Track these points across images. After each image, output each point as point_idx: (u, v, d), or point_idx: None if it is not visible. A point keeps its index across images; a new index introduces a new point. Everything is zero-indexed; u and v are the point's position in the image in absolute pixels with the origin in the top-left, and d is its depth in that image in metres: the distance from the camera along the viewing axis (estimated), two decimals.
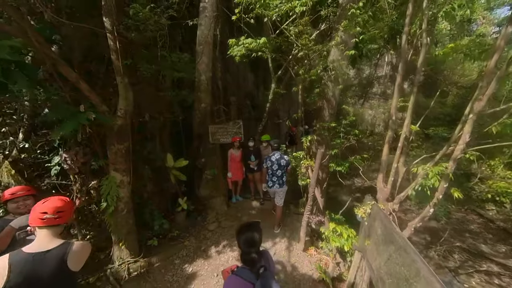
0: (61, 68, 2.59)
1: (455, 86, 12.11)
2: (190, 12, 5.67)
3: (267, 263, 1.44)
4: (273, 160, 3.75)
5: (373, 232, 2.58)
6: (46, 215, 1.34)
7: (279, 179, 3.76)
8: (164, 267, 3.16)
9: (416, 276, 1.58)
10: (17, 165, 3.66)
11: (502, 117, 1.97)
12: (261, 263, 1.38)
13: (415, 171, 2.15)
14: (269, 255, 1.55)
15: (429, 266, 1.50)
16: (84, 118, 2.52)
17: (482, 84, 1.83)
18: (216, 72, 5.58)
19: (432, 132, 9.41)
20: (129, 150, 3.12)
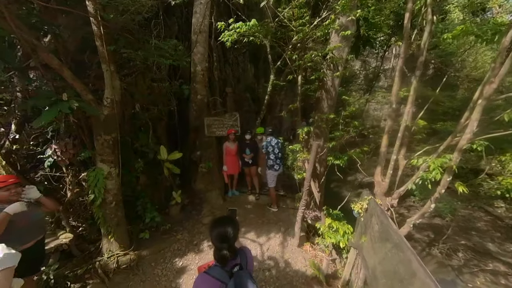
0: (42, 54, 2.48)
1: (466, 79, 11.57)
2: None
3: (244, 261, 1.32)
4: (273, 144, 4.03)
5: (370, 228, 2.43)
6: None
7: (281, 161, 4.13)
8: (155, 260, 3.10)
9: (412, 277, 1.43)
10: (10, 157, 3.63)
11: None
12: (236, 261, 1.26)
13: (415, 163, 1.97)
14: (248, 252, 1.42)
15: (425, 266, 1.35)
16: (66, 107, 2.41)
17: (494, 65, 1.62)
18: (212, 62, 5.41)
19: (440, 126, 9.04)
20: (117, 141, 3.03)
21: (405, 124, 2.09)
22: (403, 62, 2.07)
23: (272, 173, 4.12)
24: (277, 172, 4.12)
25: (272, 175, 4.14)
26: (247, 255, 1.38)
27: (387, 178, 2.30)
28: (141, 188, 3.97)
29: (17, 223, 2.00)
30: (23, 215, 2.01)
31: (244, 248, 1.42)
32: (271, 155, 4.02)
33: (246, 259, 1.34)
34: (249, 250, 1.46)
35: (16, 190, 2.03)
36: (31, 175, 3.91)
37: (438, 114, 9.71)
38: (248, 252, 1.42)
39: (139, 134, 4.04)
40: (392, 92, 2.17)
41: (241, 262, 1.28)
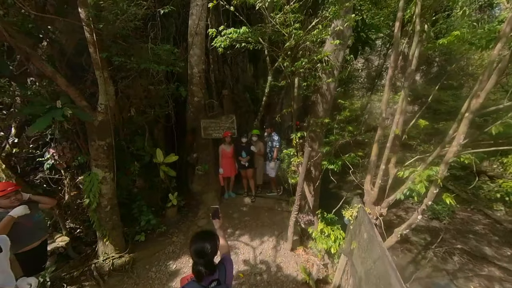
0: (36, 62, 2.51)
1: (471, 77, 11.35)
2: None
3: (223, 275, 1.34)
4: (276, 139, 4.61)
5: (359, 236, 2.44)
6: None
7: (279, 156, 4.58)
8: (149, 263, 3.17)
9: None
10: (10, 160, 3.71)
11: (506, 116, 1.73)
12: (214, 276, 1.28)
13: (401, 175, 1.96)
14: (229, 264, 1.44)
15: (403, 284, 1.36)
16: (59, 114, 2.46)
17: (482, 78, 1.59)
18: (209, 64, 5.41)
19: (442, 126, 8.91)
20: (112, 146, 3.07)
21: (393, 134, 2.08)
22: (393, 72, 2.05)
23: (274, 164, 4.60)
24: (278, 162, 4.68)
25: (274, 166, 4.62)
26: (226, 267, 1.40)
27: (376, 187, 2.30)
28: (137, 191, 4.03)
29: (23, 225, 2.14)
30: (27, 217, 2.12)
31: (224, 260, 1.44)
32: (273, 148, 4.55)
33: (225, 273, 1.36)
34: (230, 261, 1.47)
35: (15, 197, 2.13)
36: (31, 177, 4.00)
37: (441, 113, 9.57)
38: (229, 263, 1.44)
39: (136, 137, 4.08)
40: (382, 101, 2.16)
41: (219, 277, 1.30)
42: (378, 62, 14.12)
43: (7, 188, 2.12)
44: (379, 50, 12.25)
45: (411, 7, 1.95)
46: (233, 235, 3.77)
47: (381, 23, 5.36)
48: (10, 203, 2.11)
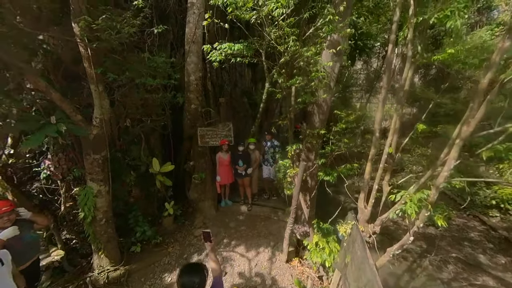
0: (29, 77, 2.51)
1: (469, 80, 11.37)
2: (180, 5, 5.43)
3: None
4: (275, 144, 4.89)
5: (354, 253, 2.45)
6: None
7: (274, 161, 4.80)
8: (144, 275, 3.17)
9: None
10: (6, 171, 3.70)
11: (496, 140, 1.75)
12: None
13: (393, 199, 1.98)
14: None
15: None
16: (53, 130, 2.45)
17: (472, 105, 1.60)
18: (206, 72, 5.40)
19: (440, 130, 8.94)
20: (107, 159, 3.07)
21: (386, 156, 2.09)
22: (386, 93, 2.06)
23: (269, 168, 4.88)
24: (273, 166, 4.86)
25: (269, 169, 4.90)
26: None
27: (369, 206, 2.31)
28: (133, 201, 4.03)
29: (12, 246, 2.10)
30: (16, 239, 2.10)
31: (215, 285, 1.44)
32: (275, 154, 4.76)
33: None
34: (221, 284, 1.47)
35: (9, 218, 2.11)
36: (27, 187, 3.99)
37: (440, 116, 9.58)
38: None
39: (132, 147, 4.07)
40: (375, 120, 2.17)
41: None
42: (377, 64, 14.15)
43: (1, 208, 2.10)
44: (378, 52, 12.26)
45: (404, 29, 1.96)
46: (229, 245, 3.78)
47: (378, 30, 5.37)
48: (2, 223, 2.09)
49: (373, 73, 14.08)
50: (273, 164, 4.91)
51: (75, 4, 2.56)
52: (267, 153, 4.94)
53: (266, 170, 4.98)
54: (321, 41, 2.49)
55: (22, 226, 2.16)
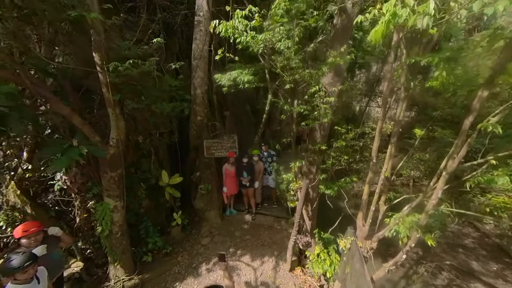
0: (54, 104, 2.71)
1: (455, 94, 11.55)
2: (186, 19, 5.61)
3: None
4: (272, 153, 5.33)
5: (352, 266, 2.67)
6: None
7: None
8: (157, 284, 3.38)
9: None
10: (22, 184, 3.90)
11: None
12: None
13: (388, 222, 2.20)
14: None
15: None
16: (76, 153, 2.66)
17: (457, 142, 1.83)
18: (212, 85, 5.60)
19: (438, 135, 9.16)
20: (122, 176, 3.27)
21: (381, 181, 2.31)
22: (382, 123, 2.28)
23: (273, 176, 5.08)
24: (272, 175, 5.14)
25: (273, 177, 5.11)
26: None
27: (367, 224, 2.53)
28: (143, 212, 4.24)
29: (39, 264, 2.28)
30: (43, 258, 2.28)
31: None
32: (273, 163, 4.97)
33: None
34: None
35: (35, 238, 2.27)
36: (43, 199, 4.19)
37: (437, 121, 9.78)
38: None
39: (142, 160, 4.28)
40: (373, 148, 2.39)
41: None
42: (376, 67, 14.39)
43: (30, 229, 2.24)
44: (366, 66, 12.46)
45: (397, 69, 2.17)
46: (235, 254, 3.99)
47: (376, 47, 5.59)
48: (28, 244, 2.24)
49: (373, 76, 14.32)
50: (271, 173, 5.15)
51: (96, 36, 2.77)
52: (265, 163, 5.19)
53: (264, 179, 5.24)
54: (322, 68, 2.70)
55: (50, 245, 2.35)
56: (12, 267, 1.72)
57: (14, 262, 1.74)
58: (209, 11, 4.89)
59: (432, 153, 8.27)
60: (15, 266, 1.72)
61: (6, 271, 1.74)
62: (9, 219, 3.56)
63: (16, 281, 1.79)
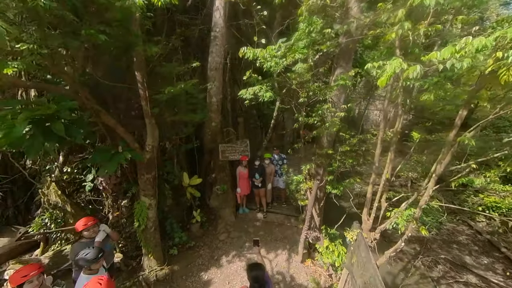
0: (103, 117, 3.16)
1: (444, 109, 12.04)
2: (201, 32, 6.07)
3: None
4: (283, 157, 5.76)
5: (358, 255, 3.12)
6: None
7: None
8: (185, 274, 3.82)
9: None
10: (59, 185, 4.34)
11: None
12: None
13: (389, 215, 2.65)
14: (270, 282, 2.09)
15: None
16: (122, 158, 3.11)
17: (443, 150, 2.29)
18: (226, 94, 6.07)
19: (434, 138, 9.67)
20: (156, 177, 3.72)
21: (383, 182, 2.77)
22: (383, 134, 2.73)
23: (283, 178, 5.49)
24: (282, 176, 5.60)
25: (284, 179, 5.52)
26: (269, 285, 2.06)
27: (371, 218, 2.99)
28: (167, 210, 4.68)
29: None
30: (103, 245, 2.71)
31: (268, 280, 2.10)
32: (283, 165, 5.43)
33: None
34: (269, 279, 2.13)
35: (93, 230, 2.72)
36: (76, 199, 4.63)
37: (434, 124, 10.29)
38: (269, 281, 2.10)
39: (166, 164, 4.73)
40: (376, 153, 2.85)
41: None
42: None
43: (88, 222, 2.69)
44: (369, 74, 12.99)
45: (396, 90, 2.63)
46: (251, 248, 4.43)
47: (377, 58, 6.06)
48: (89, 234, 2.68)
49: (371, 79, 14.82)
50: (281, 175, 5.62)
51: (138, 58, 3.23)
52: (276, 166, 5.63)
53: (275, 180, 5.68)
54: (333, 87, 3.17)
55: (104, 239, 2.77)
56: (89, 259, 2.11)
57: (89, 255, 2.13)
58: (224, 27, 5.36)
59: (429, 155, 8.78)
60: (91, 258, 2.12)
61: (84, 263, 2.12)
62: (52, 217, 4.00)
63: (89, 271, 2.18)
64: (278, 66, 2.91)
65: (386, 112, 2.72)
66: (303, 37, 2.56)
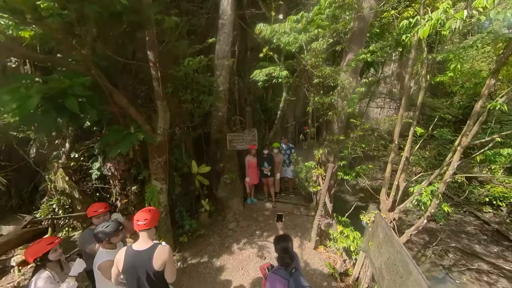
0: (115, 96, 3.08)
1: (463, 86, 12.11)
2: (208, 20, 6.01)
3: (297, 265, 1.94)
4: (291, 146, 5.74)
5: (376, 236, 3.07)
6: (138, 222, 1.79)
7: None
8: (196, 260, 3.73)
9: (408, 275, 2.07)
10: (66, 171, 4.25)
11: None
12: (293, 265, 1.88)
13: (412, 190, 2.60)
14: (297, 257, 2.04)
15: (418, 268, 1.98)
16: (135, 138, 3.03)
17: (469, 122, 2.25)
18: (233, 84, 6.01)
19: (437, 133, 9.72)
20: (167, 161, 3.64)
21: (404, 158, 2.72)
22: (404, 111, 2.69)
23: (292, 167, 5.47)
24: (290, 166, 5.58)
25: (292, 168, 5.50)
26: (297, 260, 2.00)
27: (390, 198, 2.93)
28: (176, 198, 4.59)
29: None
30: None
31: (295, 255, 2.03)
32: (291, 155, 5.40)
33: (298, 263, 1.96)
34: (297, 256, 2.07)
35: (104, 218, 2.51)
36: (83, 186, 4.53)
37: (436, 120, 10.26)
38: (297, 257, 2.04)
39: (175, 151, 4.65)
40: (395, 132, 2.80)
41: (295, 265, 1.90)
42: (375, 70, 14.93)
43: (98, 209, 2.50)
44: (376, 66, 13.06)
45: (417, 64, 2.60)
46: (262, 236, 4.36)
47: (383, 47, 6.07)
48: (98, 222, 2.42)
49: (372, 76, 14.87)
50: (289, 164, 5.57)
51: (150, 37, 3.16)
52: (284, 155, 5.57)
53: (283, 170, 5.62)
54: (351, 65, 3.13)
55: None
56: (109, 231, 2.01)
57: (109, 228, 2.03)
58: (232, 14, 5.30)
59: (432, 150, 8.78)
60: (112, 230, 2.03)
61: (104, 236, 2.01)
62: (60, 203, 3.90)
63: (109, 245, 2.09)
64: (296, 42, 2.86)
65: (408, 86, 2.67)
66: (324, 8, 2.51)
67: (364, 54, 2.91)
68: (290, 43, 2.85)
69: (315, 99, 3.41)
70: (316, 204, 4.54)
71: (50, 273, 1.84)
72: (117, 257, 1.79)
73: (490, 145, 2.44)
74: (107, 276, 2.00)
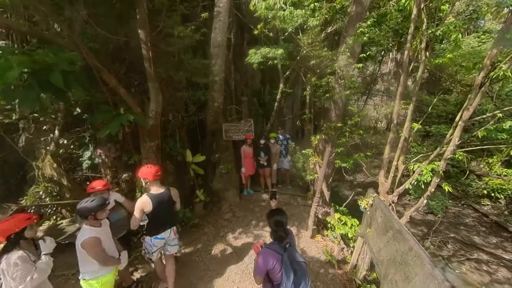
0: (104, 75, 2.96)
1: (459, 83, 12.20)
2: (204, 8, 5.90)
3: (291, 240, 1.84)
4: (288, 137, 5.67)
5: (374, 220, 2.97)
6: (158, 173, 2.45)
7: None
8: (190, 249, 3.60)
9: (409, 251, 1.98)
10: (55, 159, 4.10)
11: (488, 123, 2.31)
12: (287, 240, 1.77)
13: (411, 168, 2.52)
14: (292, 234, 1.93)
15: (418, 242, 1.89)
16: (125, 119, 2.91)
17: (470, 96, 2.17)
18: (229, 73, 5.91)
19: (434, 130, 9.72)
20: (159, 146, 3.52)
21: (403, 137, 2.64)
22: (403, 89, 2.62)
23: (289, 158, 5.52)
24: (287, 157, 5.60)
25: (289, 159, 5.55)
26: (292, 235, 1.89)
27: (389, 180, 2.85)
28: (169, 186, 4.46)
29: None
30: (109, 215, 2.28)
31: (289, 230, 1.92)
32: (288, 145, 5.44)
33: (292, 239, 1.86)
34: (292, 232, 1.96)
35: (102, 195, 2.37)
36: (73, 175, 4.38)
37: (432, 117, 10.32)
38: (292, 233, 1.94)
39: (168, 140, 4.52)
40: (394, 111, 2.72)
41: (290, 241, 1.80)
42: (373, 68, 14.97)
43: (96, 186, 2.39)
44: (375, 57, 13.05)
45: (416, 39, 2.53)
46: (258, 226, 4.25)
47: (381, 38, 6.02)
48: None
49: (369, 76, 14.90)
50: (286, 155, 5.49)
51: (141, 16, 3.05)
52: (281, 146, 5.48)
53: (280, 161, 5.53)
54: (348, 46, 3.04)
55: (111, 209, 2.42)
56: (95, 205, 1.89)
57: (95, 202, 1.92)
58: (228, 2, 5.20)
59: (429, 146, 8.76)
60: (97, 204, 1.91)
61: (90, 210, 1.88)
62: (48, 190, 3.75)
63: (94, 221, 1.96)
64: (293, 19, 2.77)
65: (407, 63, 2.60)
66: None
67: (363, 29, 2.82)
68: (286, 19, 2.77)
69: (311, 80, 3.31)
70: (313, 193, 4.44)
71: (24, 253, 1.69)
72: (143, 200, 2.35)
73: (491, 122, 2.37)
74: (90, 253, 1.88)
